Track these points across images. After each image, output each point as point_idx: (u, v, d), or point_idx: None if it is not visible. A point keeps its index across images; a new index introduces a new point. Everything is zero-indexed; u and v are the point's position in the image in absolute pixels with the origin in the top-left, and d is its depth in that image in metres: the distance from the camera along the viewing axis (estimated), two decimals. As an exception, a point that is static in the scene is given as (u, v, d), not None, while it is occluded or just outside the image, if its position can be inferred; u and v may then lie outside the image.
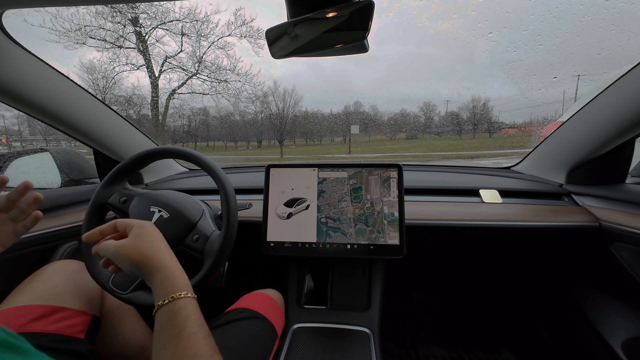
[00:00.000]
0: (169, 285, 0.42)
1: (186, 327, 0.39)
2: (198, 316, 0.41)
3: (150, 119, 7.18)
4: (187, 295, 0.42)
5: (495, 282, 1.29)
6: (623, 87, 0.76)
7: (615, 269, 0.80)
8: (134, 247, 0.45)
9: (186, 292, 0.42)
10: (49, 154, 1.11)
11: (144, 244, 0.46)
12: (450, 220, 0.87)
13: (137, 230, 0.47)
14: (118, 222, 0.49)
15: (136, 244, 0.45)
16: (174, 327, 0.39)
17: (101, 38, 6.14)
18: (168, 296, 0.41)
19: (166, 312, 0.40)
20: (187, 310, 0.41)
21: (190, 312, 0.41)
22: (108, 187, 0.73)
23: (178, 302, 0.41)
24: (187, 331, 0.38)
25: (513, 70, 1.69)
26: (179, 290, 0.42)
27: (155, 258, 0.45)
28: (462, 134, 10.08)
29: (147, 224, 0.49)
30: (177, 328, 0.39)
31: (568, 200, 0.95)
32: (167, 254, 0.47)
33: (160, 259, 0.45)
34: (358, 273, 0.91)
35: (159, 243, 0.48)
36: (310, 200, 0.81)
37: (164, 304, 0.41)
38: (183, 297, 0.42)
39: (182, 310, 0.40)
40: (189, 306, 0.41)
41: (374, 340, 0.74)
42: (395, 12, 8.77)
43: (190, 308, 0.41)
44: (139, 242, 0.46)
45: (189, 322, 0.39)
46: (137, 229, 0.47)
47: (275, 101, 9.86)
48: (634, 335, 0.78)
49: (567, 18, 1.20)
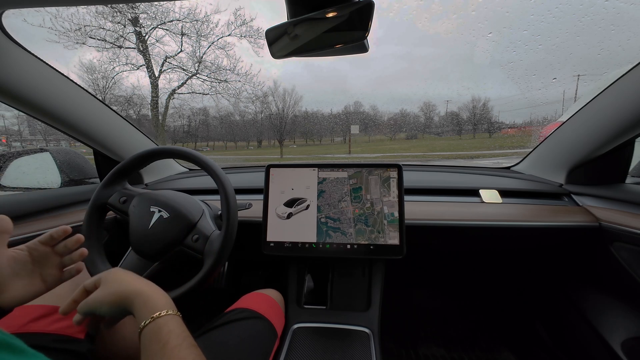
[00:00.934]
0: (148, 308, 0.43)
1: (169, 341, 0.39)
2: (181, 330, 0.42)
3: (150, 119, 7.17)
4: (168, 313, 0.43)
5: (495, 282, 1.29)
6: (623, 87, 0.76)
7: (615, 269, 0.80)
8: (105, 292, 0.46)
9: (167, 310, 0.43)
10: (49, 154, 1.11)
11: (114, 285, 0.47)
12: (450, 220, 0.87)
13: (103, 277, 0.48)
14: (86, 284, 0.50)
15: (107, 289, 0.46)
16: (157, 342, 0.39)
17: (101, 38, 6.14)
18: (149, 317, 0.42)
19: (149, 332, 0.41)
20: (169, 327, 0.41)
21: (172, 328, 0.41)
22: (108, 187, 0.73)
23: (159, 321, 0.41)
24: (170, 344, 0.39)
25: (513, 70, 1.69)
26: (158, 309, 0.43)
27: (127, 290, 0.45)
28: (462, 134, 10.07)
29: (110, 270, 0.50)
30: (160, 343, 0.39)
31: (568, 200, 0.95)
32: (139, 282, 0.48)
33: (132, 289, 0.46)
34: (358, 273, 0.91)
35: (128, 277, 0.49)
36: (310, 200, 0.81)
37: (146, 325, 0.41)
38: (164, 315, 0.42)
39: (163, 327, 0.41)
40: (170, 322, 0.42)
41: (374, 340, 0.74)
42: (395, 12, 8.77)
43: (173, 324, 0.42)
44: (109, 286, 0.47)
45: (172, 336, 0.40)
46: (103, 276, 0.49)
47: (275, 101, 9.86)
48: (634, 335, 0.78)
49: (567, 18, 1.20)
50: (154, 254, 0.67)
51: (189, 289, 0.62)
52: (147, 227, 0.67)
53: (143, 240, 0.67)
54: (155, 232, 0.66)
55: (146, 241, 0.67)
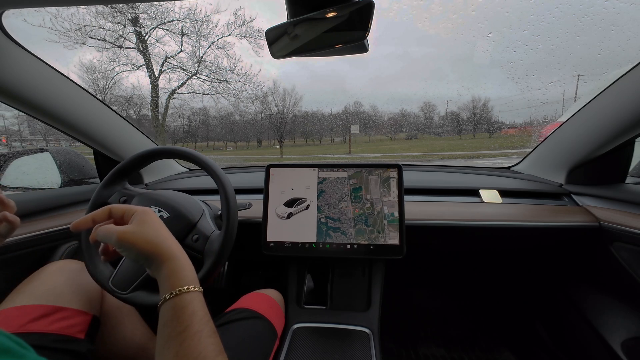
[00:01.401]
0: (176, 278, 0.40)
1: (191, 325, 0.37)
2: (204, 313, 0.39)
3: (150, 119, 7.18)
4: (194, 290, 0.40)
5: (495, 282, 1.29)
6: (623, 87, 0.76)
7: (615, 269, 0.80)
8: (140, 234, 0.42)
9: (194, 286, 0.40)
10: (49, 154, 1.11)
11: (150, 232, 0.42)
12: (450, 220, 0.87)
13: (140, 216, 0.44)
14: (113, 208, 0.45)
15: (142, 231, 0.42)
16: (179, 324, 0.37)
17: (101, 38, 6.15)
18: (175, 289, 0.39)
19: (171, 307, 0.38)
20: (193, 306, 0.38)
21: (196, 309, 0.39)
22: (108, 187, 0.73)
23: (184, 297, 0.39)
24: (192, 329, 0.36)
25: (513, 70, 1.69)
26: (186, 283, 0.40)
27: (164, 247, 0.42)
28: (462, 134, 10.08)
29: (149, 211, 0.45)
30: (181, 325, 0.37)
31: (568, 200, 0.95)
32: (175, 244, 0.44)
33: (169, 249, 0.42)
34: (358, 273, 0.91)
35: (165, 232, 0.45)
36: (310, 200, 0.81)
37: (170, 298, 0.38)
38: (190, 292, 0.39)
39: (187, 305, 0.38)
40: (195, 301, 0.39)
41: (374, 340, 0.74)
42: (395, 12, 8.77)
43: (197, 304, 0.39)
44: (146, 229, 0.42)
45: (195, 319, 0.37)
46: (140, 215, 0.44)
47: (275, 101, 9.87)
48: (634, 335, 0.78)
49: (566, 18, 1.20)
50: None
51: None
52: None
53: None
54: None
55: None
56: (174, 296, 0.38)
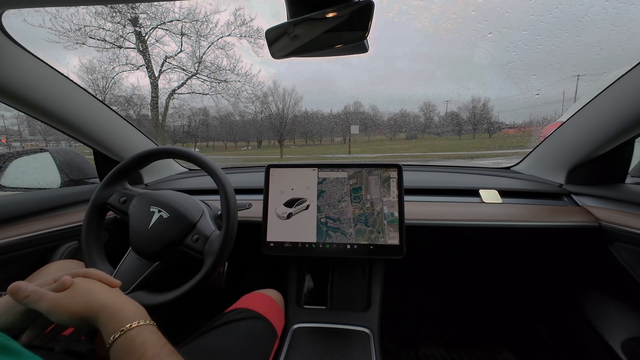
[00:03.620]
0: (115, 322, 0.40)
1: (145, 352, 0.36)
2: (157, 338, 0.39)
3: (150, 119, 7.17)
4: (139, 324, 0.40)
5: (495, 282, 1.29)
6: (623, 87, 0.76)
7: (615, 269, 0.80)
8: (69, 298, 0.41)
9: (138, 321, 0.40)
10: (48, 154, 1.11)
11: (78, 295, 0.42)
12: (450, 220, 0.87)
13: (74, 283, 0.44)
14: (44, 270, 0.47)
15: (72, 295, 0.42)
16: (131, 355, 0.36)
17: (101, 38, 6.15)
18: (117, 331, 0.38)
19: (119, 346, 0.38)
20: (143, 337, 0.38)
21: (147, 338, 0.38)
22: (108, 187, 0.73)
23: (129, 333, 0.38)
24: (146, 355, 0.36)
25: (513, 70, 1.69)
26: (128, 321, 0.40)
27: (93, 301, 0.42)
28: (462, 134, 10.08)
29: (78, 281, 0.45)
30: (134, 356, 0.36)
31: (568, 200, 0.95)
32: (106, 293, 0.44)
33: (98, 300, 0.42)
34: (358, 273, 0.91)
35: (94, 287, 0.44)
36: (310, 200, 0.81)
37: (115, 340, 0.38)
38: (135, 327, 0.39)
39: (136, 338, 0.38)
40: (143, 333, 0.39)
41: (373, 340, 0.74)
42: (395, 12, 8.76)
43: (146, 334, 0.39)
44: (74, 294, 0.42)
45: (147, 346, 0.37)
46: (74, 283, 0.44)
47: (275, 101, 9.87)
48: (634, 335, 0.78)
49: (566, 18, 1.21)
50: (154, 254, 0.67)
51: (189, 289, 0.62)
52: (147, 227, 0.67)
53: (143, 240, 0.67)
54: (155, 232, 0.66)
55: (146, 241, 0.67)
56: (118, 337, 0.38)
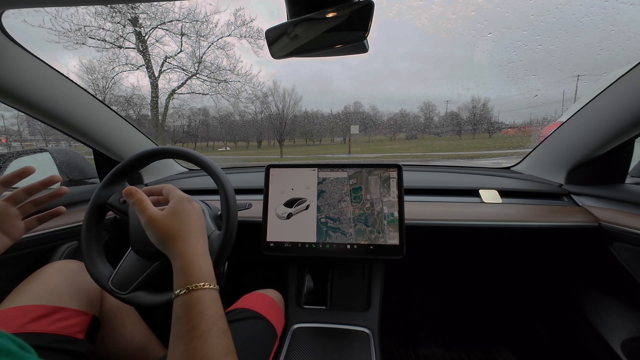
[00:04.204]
0: (187, 274, 0.40)
1: (199, 324, 0.36)
2: (214, 311, 0.39)
3: (150, 119, 7.17)
4: (204, 287, 0.39)
5: (495, 282, 1.29)
6: (623, 87, 0.76)
7: (615, 269, 0.80)
8: (165, 222, 0.43)
9: (203, 283, 0.40)
10: (48, 154, 1.11)
11: (174, 223, 0.44)
12: (450, 220, 0.87)
13: (173, 205, 0.45)
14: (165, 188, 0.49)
15: (168, 221, 0.43)
16: (187, 322, 0.37)
17: (101, 38, 6.14)
18: (184, 286, 0.39)
19: (181, 304, 0.38)
20: (202, 304, 0.38)
21: (205, 307, 0.38)
22: (108, 187, 0.73)
23: (193, 295, 0.38)
24: (199, 329, 0.36)
25: (513, 70, 1.69)
26: (196, 280, 0.40)
27: (180, 240, 0.42)
28: (461, 134, 10.07)
29: (183, 200, 0.47)
30: (189, 324, 0.36)
31: (568, 200, 0.95)
32: (195, 238, 0.44)
33: (185, 244, 0.43)
34: (358, 273, 0.91)
35: (191, 224, 0.45)
36: (310, 200, 0.81)
37: (179, 295, 0.38)
38: (199, 289, 0.39)
39: (196, 304, 0.38)
40: (205, 299, 0.39)
41: (373, 340, 0.74)
42: (395, 12, 8.76)
43: (207, 301, 0.39)
44: (171, 219, 0.44)
45: (203, 318, 0.37)
46: (173, 203, 0.46)
47: (275, 101, 9.85)
48: (634, 335, 0.78)
49: (566, 18, 1.21)
50: (154, 254, 0.66)
51: None
52: None
53: (143, 240, 0.67)
54: None
55: (146, 241, 0.67)
56: (183, 293, 0.38)
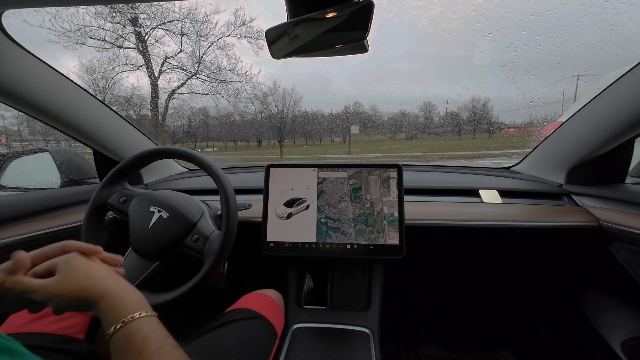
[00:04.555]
0: (117, 311, 0.38)
1: (146, 347, 0.35)
2: (159, 332, 0.37)
3: (150, 119, 7.17)
4: (141, 316, 0.38)
5: (495, 282, 1.29)
6: (623, 87, 0.76)
7: (615, 269, 0.80)
8: (63, 283, 0.38)
9: (139, 312, 0.38)
10: (48, 154, 1.12)
11: (78, 277, 0.39)
12: (450, 221, 0.87)
13: (65, 264, 0.40)
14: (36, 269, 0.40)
15: (65, 280, 0.38)
16: (131, 350, 0.35)
17: (101, 38, 6.14)
18: (117, 323, 0.37)
19: (120, 338, 0.36)
20: (144, 330, 0.36)
21: (148, 331, 0.37)
22: (108, 187, 0.73)
23: (131, 325, 0.37)
24: (147, 350, 0.35)
25: (513, 70, 1.69)
26: (130, 312, 0.38)
27: (93, 287, 0.39)
28: (461, 134, 10.06)
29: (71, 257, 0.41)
30: (135, 350, 0.35)
31: (568, 200, 0.95)
32: (109, 278, 0.41)
33: (100, 286, 0.39)
34: (358, 273, 0.91)
35: (95, 269, 0.41)
36: (310, 200, 0.81)
37: (115, 331, 0.36)
38: (137, 318, 0.37)
39: (137, 331, 0.36)
40: (145, 325, 0.37)
41: (373, 340, 0.74)
42: (395, 12, 8.75)
43: (147, 326, 0.37)
44: (69, 276, 0.39)
45: (149, 340, 0.36)
46: (61, 264, 0.40)
47: (275, 101, 9.85)
48: (634, 335, 0.78)
49: (566, 18, 1.21)
50: (154, 254, 0.67)
51: (189, 289, 0.62)
52: (147, 228, 0.67)
53: (143, 240, 0.67)
54: (155, 233, 0.66)
55: (146, 241, 0.67)
56: (120, 327, 0.36)
